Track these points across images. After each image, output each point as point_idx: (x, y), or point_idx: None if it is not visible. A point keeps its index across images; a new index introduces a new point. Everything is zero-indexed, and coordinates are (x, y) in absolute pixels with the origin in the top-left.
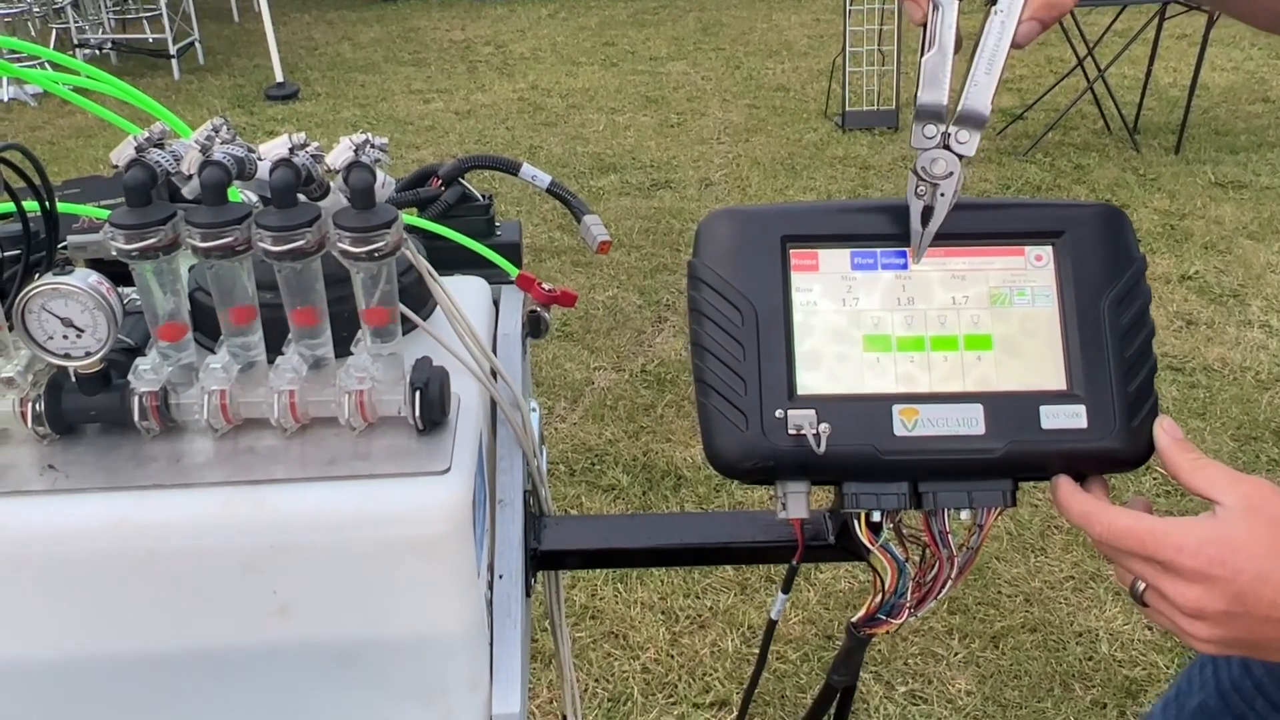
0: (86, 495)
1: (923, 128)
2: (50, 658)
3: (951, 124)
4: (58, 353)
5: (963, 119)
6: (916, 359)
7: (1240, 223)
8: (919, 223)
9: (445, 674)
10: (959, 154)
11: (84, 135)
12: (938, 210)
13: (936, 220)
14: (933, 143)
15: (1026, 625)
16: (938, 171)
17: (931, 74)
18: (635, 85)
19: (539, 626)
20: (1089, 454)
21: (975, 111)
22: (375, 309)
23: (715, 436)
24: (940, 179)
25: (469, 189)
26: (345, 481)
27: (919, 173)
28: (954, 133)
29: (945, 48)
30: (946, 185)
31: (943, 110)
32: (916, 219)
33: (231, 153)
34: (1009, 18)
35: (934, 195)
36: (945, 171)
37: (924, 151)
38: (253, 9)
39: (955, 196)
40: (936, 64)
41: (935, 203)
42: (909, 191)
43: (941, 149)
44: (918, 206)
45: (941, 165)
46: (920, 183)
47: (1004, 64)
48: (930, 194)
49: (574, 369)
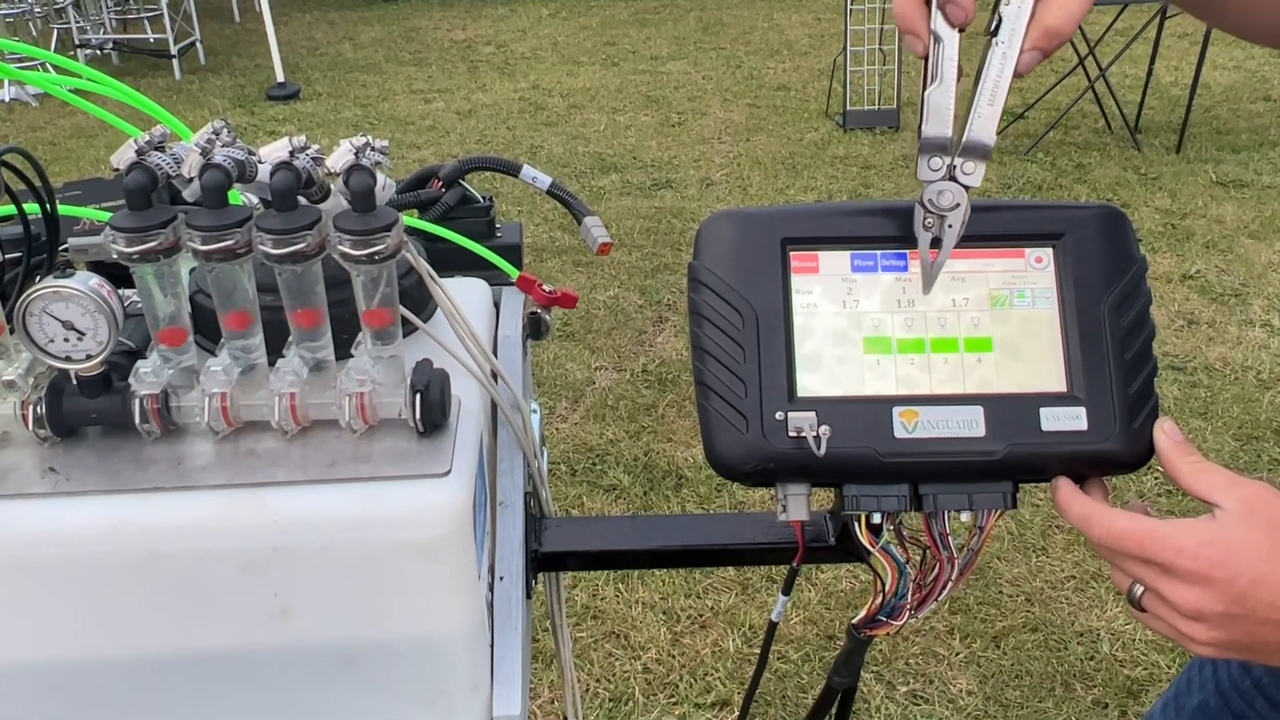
0: (87, 498)
1: (928, 160)
2: (51, 660)
3: (956, 155)
4: (59, 355)
5: (967, 150)
6: (917, 361)
7: (1242, 222)
8: (928, 254)
9: (446, 676)
10: (965, 185)
11: (85, 136)
12: (946, 242)
13: (945, 252)
14: (939, 175)
15: (1028, 625)
16: (945, 203)
17: (935, 107)
18: (636, 85)
19: (540, 627)
20: (1089, 456)
21: (979, 143)
22: (376, 311)
23: (716, 439)
24: (947, 210)
25: (470, 190)
26: (346, 484)
27: (926, 205)
28: (959, 164)
29: (948, 80)
30: (954, 217)
31: (948, 143)
32: (925, 251)
33: (232, 156)
34: (1010, 48)
35: (942, 227)
36: (952, 203)
37: (930, 184)
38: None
39: (963, 227)
40: (940, 97)
41: (943, 234)
42: (916, 224)
43: (948, 181)
44: (926, 239)
45: (948, 197)
46: (928, 215)
47: (1006, 94)
48: (938, 226)
49: (575, 369)
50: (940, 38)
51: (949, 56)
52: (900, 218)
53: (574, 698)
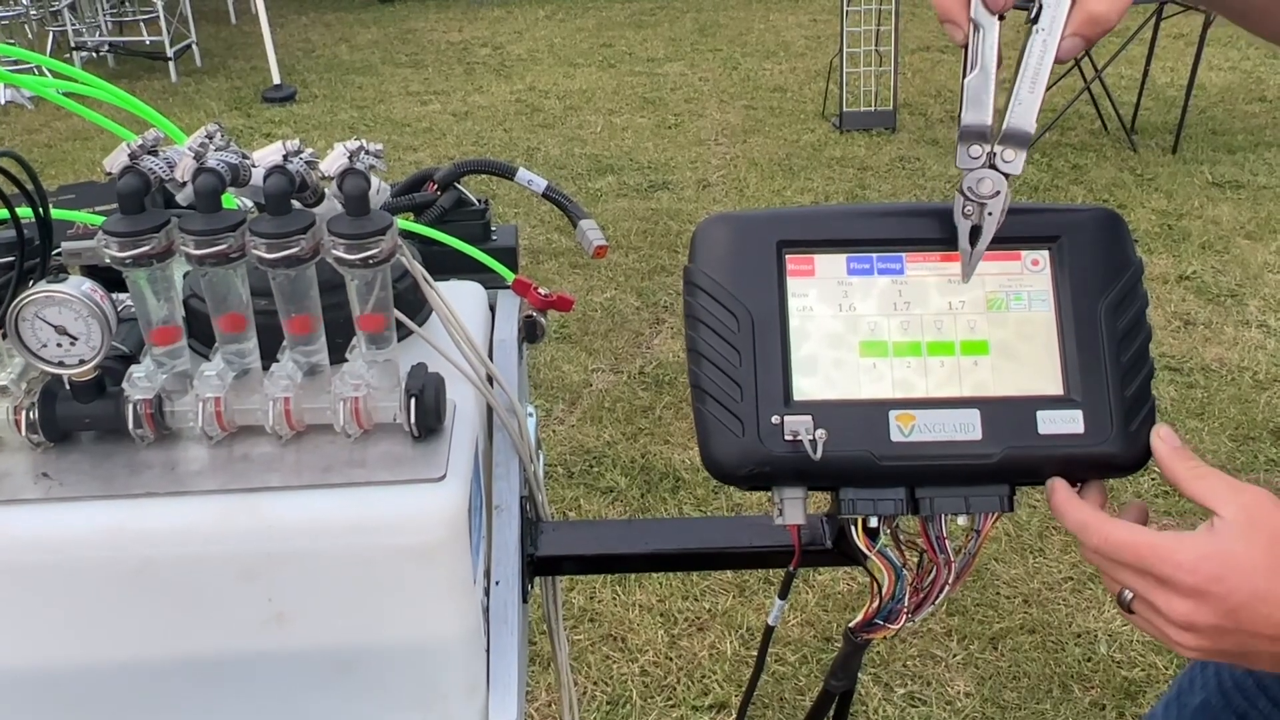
0: (81, 504)
1: (968, 148)
2: (45, 667)
3: (996, 143)
4: (52, 360)
5: (1007, 138)
6: (913, 364)
7: (1238, 222)
8: (967, 243)
9: (442, 681)
10: (1005, 173)
11: (82, 139)
12: (985, 230)
13: (985, 240)
14: (978, 163)
15: (1025, 626)
16: (984, 191)
17: (975, 95)
18: (633, 86)
19: (537, 630)
20: (1086, 459)
21: (1020, 130)
22: (370, 315)
23: (712, 443)
24: (987, 198)
25: (465, 194)
26: (341, 489)
27: (965, 193)
28: (999, 152)
29: (988, 68)
30: (994, 204)
31: (987, 130)
32: (965, 239)
33: (225, 159)
34: (1051, 36)
35: (981, 215)
36: (992, 191)
37: (970, 172)
38: (250, 11)
39: (1003, 215)
40: (979, 85)
41: (983, 222)
42: (956, 212)
43: (988, 169)
44: (965, 226)
45: (988, 185)
46: (967, 203)
47: (1046, 81)
48: (978, 214)
49: (572, 371)
50: (980, 25)
51: (989, 44)
52: (896, 220)
53: (571, 702)
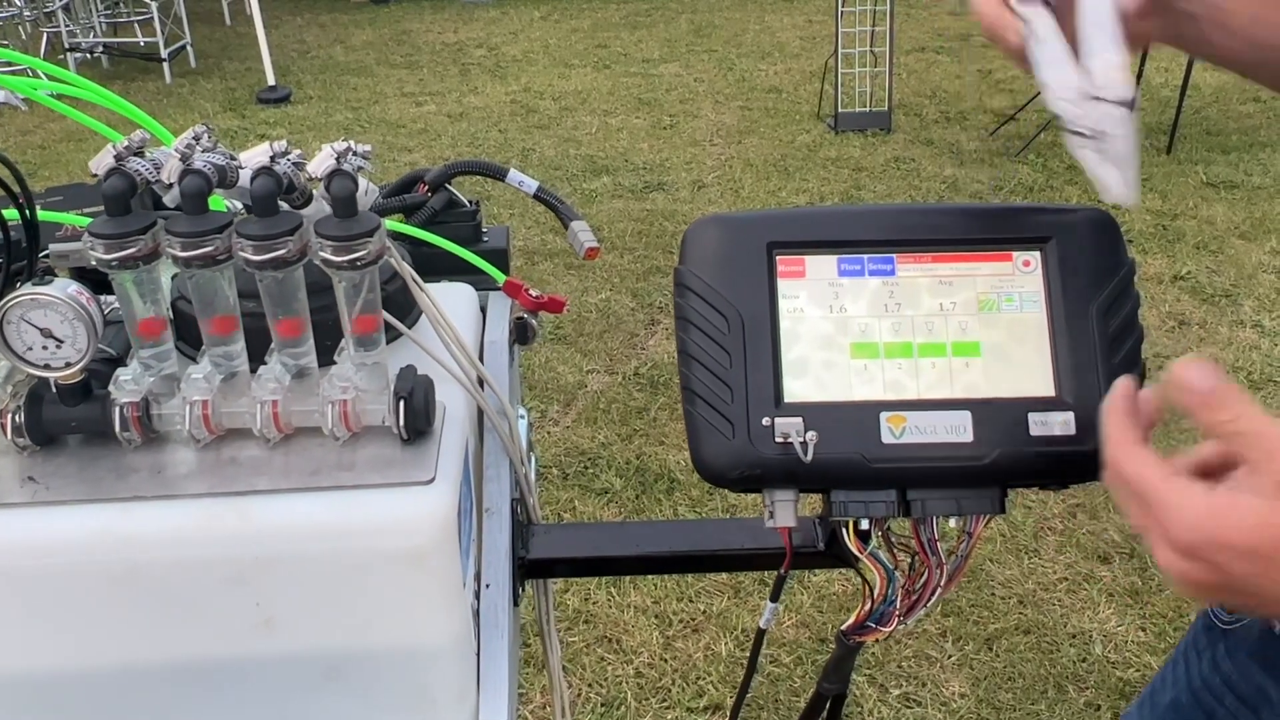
0: (67, 507)
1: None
2: (31, 672)
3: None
4: (37, 363)
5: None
6: (904, 366)
7: (1232, 223)
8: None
9: (432, 685)
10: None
11: (75, 140)
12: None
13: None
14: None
15: (1020, 627)
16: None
17: (1052, 64)
18: (628, 87)
19: (530, 632)
20: (1077, 461)
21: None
22: (358, 317)
23: (702, 445)
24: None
25: (456, 195)
26: (329, 492)
27: (1070, 127)
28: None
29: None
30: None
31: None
32: (1093, 157)
33: (212, 161)
34: None
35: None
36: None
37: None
38: (244, 12)
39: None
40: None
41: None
42: (1072, 148)
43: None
44: (1087, 145)
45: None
46: (1076, 134)
47: (1115, 26)
48: (1091, 117)
49: (566, 372)
50: (1028, 19)
51: (1045, 25)
52: (887, 221)
53: (563, 706)
